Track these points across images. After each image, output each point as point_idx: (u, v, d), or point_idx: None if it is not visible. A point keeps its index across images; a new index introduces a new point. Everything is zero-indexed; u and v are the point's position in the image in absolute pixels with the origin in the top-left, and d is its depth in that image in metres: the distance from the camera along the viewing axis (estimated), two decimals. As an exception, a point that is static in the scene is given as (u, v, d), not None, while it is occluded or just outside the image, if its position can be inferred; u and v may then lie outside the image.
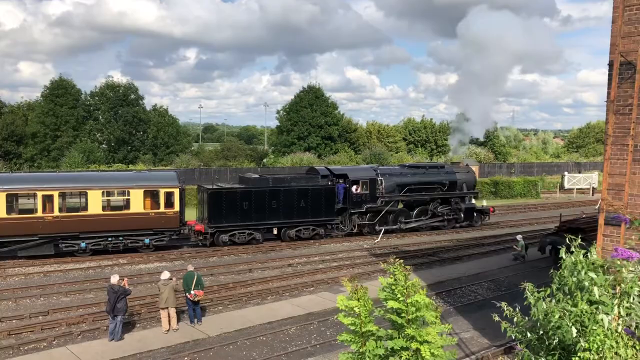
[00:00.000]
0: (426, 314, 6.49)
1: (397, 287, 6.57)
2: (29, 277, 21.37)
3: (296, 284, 20.54)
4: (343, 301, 6.20)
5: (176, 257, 24.66)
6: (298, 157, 58.09)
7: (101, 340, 14.91)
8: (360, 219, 29.67)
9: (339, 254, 25.87)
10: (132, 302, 17.45)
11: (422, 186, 31.39)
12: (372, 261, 24.45)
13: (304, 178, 29.45)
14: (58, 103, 62.76)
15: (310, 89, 72.94)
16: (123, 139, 64.79)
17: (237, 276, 21.98)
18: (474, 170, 34.76)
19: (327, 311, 17.27)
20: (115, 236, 24.43)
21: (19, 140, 60.91)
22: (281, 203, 27.21)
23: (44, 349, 14.38)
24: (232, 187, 27.21)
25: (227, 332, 15.60)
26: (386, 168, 32.22)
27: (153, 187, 25.08)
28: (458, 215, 32.38)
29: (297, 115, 70.63)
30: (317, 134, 70.13)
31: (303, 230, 27.95)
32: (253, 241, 26.96)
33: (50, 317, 16.73)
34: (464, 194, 32.74)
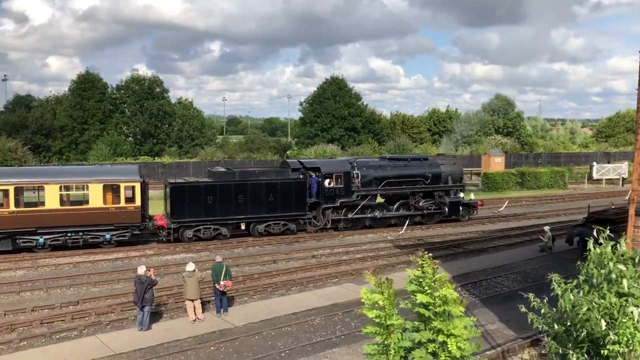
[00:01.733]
0: (452, 307, 6.47)
1: (424, 280, 6.57)
2: (59, 268, 21.85)
3: (320, 275, 20.62)
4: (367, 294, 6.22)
5: (202, 248, 24.95)
6: (321, 149, 58.07)
7: (130, 329, 15.20)
8: (336, 213, 28.51)
9: (362, 246, 25.86)
10: (159, 292, 17.74)
11: (402, 179, 29.94)
12: (396, 253, 24.38)
13: (274, 171, 28.60)
14: (85, 97, 63.78)
15: (333, 80, 72.73)
16: (149, 132, 65.61)
17: (262, 267, 22.15)
18: (459, 163, 33.38)
19: (352, 302, 17.29)
20: (75, 231, 23.85)
21: (47, 134, 62.14)
22: (248, 197, 26.33)
23: (74, 337, 14.72)
24: (195, 181, 26.65)
25: (252, 322, 15.77)
26: (364, 161, 31.00)
27: (113, 182, 24.49)
28: (442, 210, 30.72)
29: (321, 106, 70.55)
30: (340, 125, 69.97)
31: (273, 225, 27.08)
32: (220, 237, 26.16)
33: (80, 306, 17.11)
34: (449, 187, 31.09)
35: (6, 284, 19.36)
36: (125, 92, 67.92)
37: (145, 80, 67.67)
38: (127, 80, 68.11)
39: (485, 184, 48.38)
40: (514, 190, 47.65)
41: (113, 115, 65.85)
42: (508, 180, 48.57)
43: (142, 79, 67.75)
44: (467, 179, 52.37)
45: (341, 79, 73.34)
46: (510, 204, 38.52)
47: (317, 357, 13.42)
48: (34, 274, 21.08)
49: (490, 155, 53.16)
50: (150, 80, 67.86)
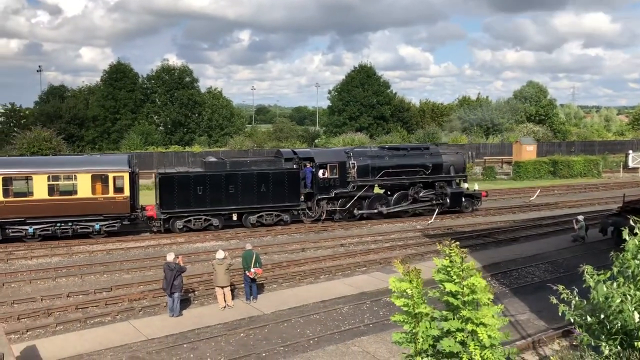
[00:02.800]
0: (481, 296, 6.43)
1: (453, 269, 6.54)
2: (93, 255, 22.40)
3: (349, 263, 20.67)
4: (395, 283, 6.22)
5: (232, 236, 25.23)
6: (350, 138, 57.90)
7: (161, 315, 15.52)
8: (331, 204, 28.01)
9: (391, 235, 25.79)
10: (189, 279, 18.05)
11: (401, 169, 29.16)
12: (425, 242, 24.26)
13: (266, 161, 28.35)
14: (117, 87, 64.86)
15: (362, 68, 72.33)
16: (179, 121, 66.41)
17: (291, 255, 22.31)
18: (462, 152, 32.30)
19: (380, 291, 17.33)
20: (64, 221, 23.83)
21: (81, 124, 63.42)
22: (239, 188, 26.03)
23: (108, 322, 15.11)
24: (185, 171, 26.58)
25: (281, 309, 15.93)
26: (361, 150, 30.23)
27: (101, 172, 24.46)
28: (444, 201, 29.75)
29: (349, 95, 70.30)
30: (369, 113, 69.67)
31: (265, 216, 26.83)
32: (211, 227, 26.01)
33: (113, 292, 17.52)
34: (450, 177, 30.20)
35: (42, 270, 19.95)
36: (155, 82, 68.80)
37: (175, 70, 68.40)
38: (157, 70, 68.97)
39: (517, 172, 47.68)
40: (546, 179, 46.83)
41: (144, 105, 66.85)
42: (540, 169, 47.73)
43: (172, 68, 68.49)
44: (497, 167, 51.75)
45: (370, 67, 72.90)
46: (542, 193, 37.89)
47: (345, 345, 13.50)
48: (68, 260, 21.64)
49: (522, 143, 52.26)
50: (180, 70, 68.55)
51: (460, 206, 30.50)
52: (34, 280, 18.73)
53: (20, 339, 13.89)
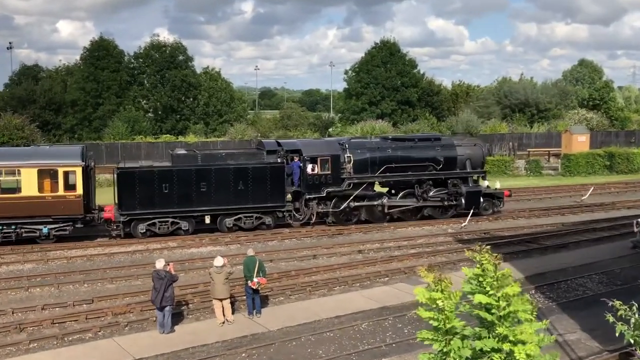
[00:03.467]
0: (519, 308, 6.41)
1: (485, 279, 6.52)
2: (72, 261, 22.62)
3: (368, 273, 20.69)
4: (423, 293, 6.22)
5: (231, 241, 25.36)
6: (369, 126, 57.87)
7: (150, 332, 15.65)
8: (324, 205, 27.55)
9: (418, 240, 25.77)
10: (183, 290, 18.18)
11: (406, 164, 28.63)
12: (457, 248, 24.16)
13: (245, 154, 28.14)
14: (99, 66, 65.31)
15: (384, 45, 72.17)
16: (171, 107, 66.78)
17: (300, 263, 22.38)
18: (482, 144, 31.53)
19: (405, 305, 17.30)
20: (6, 224, 23.53)
21: (58, 109, 63.96)
22: (212, 185, 25.71)
23: (89, 339, 15.26)
24: (147, 166, 26.47)
25: (289, 326, 15.99)
26: (359, 141, 29.71)
27: (49, 166, 24.13)
28: (458, 201, 29.15)
29: (369, 75, 70.17)
30: (392, 97, 69.52)
31: (244, 218, 26.46)
32: (179, 232, 25.81)
33: (95, 305, 17.69)
34: (466, 173, 29.53)
35: (14, 279, 20.21)
36: (144, 61, 69.22)
37: (166, 47, 68.76)
38: (146, 47, 69.39)
39: (566, 167, 47.38)
40: (600, 175, 46.45)
41: (130, 88, 67.29)
42: (593, 162, 47.37)
43: (163, 45, 68.85)
44: (543, 161, 51.44)
45: (393, 43, 72.71)
46: (595, 191, 37.59)
47: (363, 367, 13.51)
48: (43, 267, 21.90)
49: (572, 132, 51.88)
50: (173, 47, 68.90)
51: (477, 207, 29.59)
52: (4, 290, 18.95)
53: (-11, 358, 14.11)
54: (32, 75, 72.18)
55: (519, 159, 50.27)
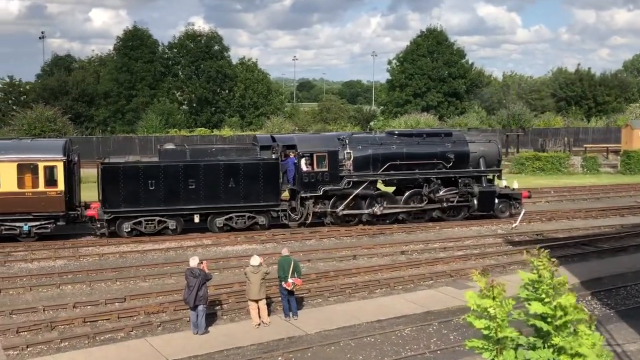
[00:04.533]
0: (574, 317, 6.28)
1: (541, 286, 6.40)
2: (104, 258, 23.05)
3: (411, 275, 20.58)
4: (474, 299, 6.12)
5: (268, 239, 25.50)
6: (413, 119, 57.58)
7: (184, 332, 15.82)
8: (321, 204, 27.16)
9: (465, 241, 25.54)
10: (217, 289, 18.35)
11: (412, 161, 27.97)
12: (508, 250, 23.90)
13: (237, 150, 27.91)
14: (132, 57, 66.40)
15: (430, 33, 71.74)
16: (206, 99, 67.55)
17: (339, 263, 22.36)
18: (497, 140, 30.57)
19: (450, 310, 17.17)
20: None
21: (90, 101, 65.25)
22: (201, 182, 25.50)
23: (121, 339, 15.51)
24: (132, 162, 26.41)
25: (327, 329, 15.98)
26: (361, 137, 29.19)
27: (29, 160, 24.13)
28: (470, 202, 28.55)
29: (414, 66, 69.81)
30: (438, 89, 69.08)
31: (235, 218, 26.21)
32: (167, 231, 25.76)
33: (127, 304, 17.97)
34: (479, 172, 28.79)
35: (45, 275, 20.67)
36: (178, 51, 70.15)
37: (202, 36, 69.53)
38: (180, 37, 70.35)
39: (626, 165, 46.39)
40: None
41: (164, 79, 68.25)
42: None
43: (199, 35, 69.64)
44: (601, 158, 50.38)
45: (440, 31, 72.23)
46: (659, 191, 36.70)
47: (406, 375, 13.44)
48: (75, 264, 22.35)
49: (633, 127, 50.71)
50: (208, 37, 69.63)
51: (491, 209, 29.01)
52: (35, 287, 19.41)
53: (20, 356, 14.45)
54: (65, 65, 73.86)
55: (574, 156, 49.39)
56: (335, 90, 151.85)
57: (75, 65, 75.79)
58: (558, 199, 35.93)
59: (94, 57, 78.11)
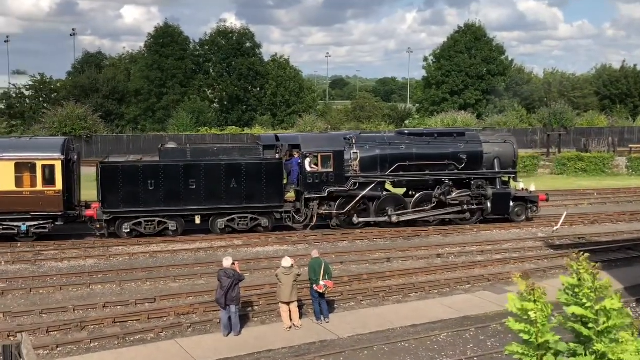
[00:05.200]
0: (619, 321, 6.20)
1: (581, 290, 6.34)
2: (134, 258, 23.39)
3: (447, 279, 20.50)
4: (515, 302, 6.09)
5: (299, 240, 25.60)
6: (450, 118, 57.25)
7: (214, 334, 15.98)
8: (327, 206, 26.90)
9: (504, 244, 25.32)
10: (248, 291, 18.48)
11: (422, 162, 27.61)
12: (548, 255, 23.67)
13: (239, 149, 27.89)
14: (163, 54, 67.20)
15: (468, 29, 71.28)
16: (237, 97, 68.02)
17: (373, 266, 22.36)
18: (513, 141, 29.70)
19: (488, 316, 17.07)
20: None
21: (121, 99, 66.23)
22: (202, 183, 25.54)
23: (151, 340, 15.73)
24: (132, 161, 26.57)
25: (360, 333, 16.01)
26: (368, 136, 28.89)
27: (27, 159, 24.37)
28: (483, 205, 27.98)
29: (451, 63, 69.43)
30: (476, 87, 68.60)
31: (238, 220, 26.18)
32: (167, 232, 25.86)
33: (157, 304, 18.21)
34: (493, 173, 28.31)
35: (75, 275, 21.05)
36: (210, 49, 70.80)
37: (233, 33, 70.07)
38: (212, 34, 70.94)
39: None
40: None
41: (196, 77, 68.87)
42: None
43: (230, 31, 70.20)
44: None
45: (479, 27, 71.70)
46: None
47: (441, 382, 13.39)
48: (105, 264, 22.72)
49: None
50: (240, 34, 70.13)
51: (506, 212, 28.60)
52: (65, 287, 19.76)
53: (50, 356, 14.76)
54: (96, 63, 75.03)
55: (619, 156, 48.51)
56: (369, 87, 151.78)
57: (106, 63, 76.93)
58: (601, 201, 35.40)
59: (124, 55, 79.27)
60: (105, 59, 79.45)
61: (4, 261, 22.53)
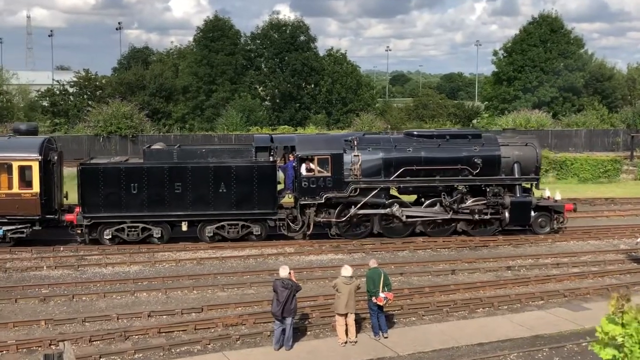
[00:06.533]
0: None
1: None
2: (181, 264, 23.78)
3: (518, 294, 20.21)
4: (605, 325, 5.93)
5: (355, 249, 25.59)
6: (523, 116, 56.38)
7: (264, 347, 16.09)
8: (325, 213, 26.58)
9: (581, 257, 24.84)
10: (300, 302, 18.44)
11: (432, 167, 27.04)
12: (632, 268, 23.18)
13: (229, 151, 27.78)
14: (213, 49, 68.10)
15: (544, 20, 70.22)
16: (290, 94, 68.41)
17: (436, 278, 22.20)
18: (535, 144, 28.50)
19: (563, 335, 16.78)
20: None
21: (168, 96, 67.37)
22: (189, 187, 25.50)
23: (197, 352, 15.93)
24: (113, 162, 26.60)
25: (421, 351, 15.89)
26: (372, 137, 28.39)
27: (2, 159, 24.69)
28: (501, 215, 27.27)
29: (524, 57, 68.50)
30: (552, 83, 67.44)
31: (227, 227, 26.15)
32: (152, 239, 25.93)
33: (204, 314, 18.46)
34: (512, 180, 27.47)
35: (119, 281, 21.54)
36: (261, 43, 71.38)
37: (287, 26, 70.59)
38: (264, 27, 71.50)
39: None
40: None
41: (246, 73, 69.56)
42: None
43: (284, 24, 70.74)
44: None
45: (555, 18, 70.58)
46: None
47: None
48: (150, 270, 23.16)
49: None
50: (294, 27, 70.61)
51: (526, 223, 27.82)
52: (109, 294, 20.23)
53: (93, 366, 15.12)
54: (142, 58, 76.59)
55: None
56: (433, 84, 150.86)
57: (153, 58, 78.52)
58: (694, 210, 34.32)
59: (172, 50, 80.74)
60: (152, 54, 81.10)
61: (47, 266, 23.21)
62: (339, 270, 17.43)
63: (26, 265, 23.47)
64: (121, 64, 79.67)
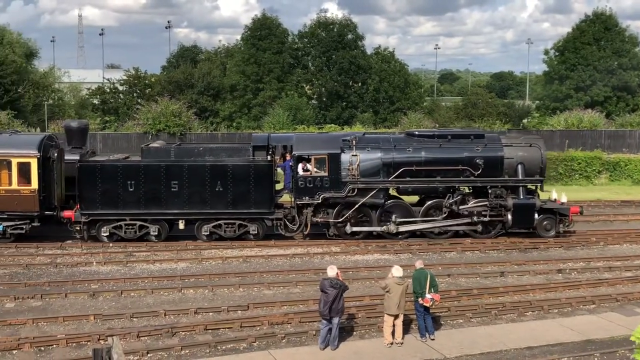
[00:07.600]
0: None
1: None
2: (227, 262, 24.07)
3: (569, 298, 19.95)
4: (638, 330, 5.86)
5: (402, 249, 25.57)
6: (575, 116, 55.40)
7: (309, 347, 16.17)
8: (323, 213, 26.57)
9: (635, 260, 24.44)
10: (347, 302, 18.52)
11: (432, 167, 26.82)
12: (688, 273, 22.62)
13: (227, 150, 27.80)
14: (261, 47, 68.62)
15: (597, 17, 69.10)
16: (337, 93, 68.47)
17: (484, 280, 22.05)
18: (540, 145, 27.79)
19: (615, 340, 16.52)
20: None
21: (216, 95, 68.09)
22: (185, 185, 25.75)
23: (243, 350, 16.10)
24: (111, 160, 26.77)
25: (469, 354, 15.80)
26: (371, 137, 28.33)
27: (2, 156, 25.03)
28: (504, 217, 26.87)
29: (576, 55, 67.48)
30: (605, 82, 66.30)
31: (224, 226, 26.30)
32: (149, 237, 26.18)
33: (250, 312, 18.65)
34: (516, 181, 27.08)
35: (167, 278, 21.91)
36: (309, 41, 71.63)
37: (334, 24, 70.64)
38: (312, 25, 71.74)
39: None
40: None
41: (293, 71, 69.86)
42: None
43: (331, 22, 70.85)
44: None
45: (610, 15, 69.39)
46: None
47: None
48: (197, 267, 23.50)
49: None
50: (341, 25, 70.65)
51: (530, 225, 27.19)
52: (157, 290, 20.59)
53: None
54: (191, 57, 77.52)
55: None
56: (482, 82, 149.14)
57: (201, 57, 79.37)
58: None
59: (220, 48, 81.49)
60: (200, 53, 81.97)
61: (96, 262, 23.74)
62: (385, 270, 17.44)
63: (76, 260, 24.07)
64: (170, 62, 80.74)
